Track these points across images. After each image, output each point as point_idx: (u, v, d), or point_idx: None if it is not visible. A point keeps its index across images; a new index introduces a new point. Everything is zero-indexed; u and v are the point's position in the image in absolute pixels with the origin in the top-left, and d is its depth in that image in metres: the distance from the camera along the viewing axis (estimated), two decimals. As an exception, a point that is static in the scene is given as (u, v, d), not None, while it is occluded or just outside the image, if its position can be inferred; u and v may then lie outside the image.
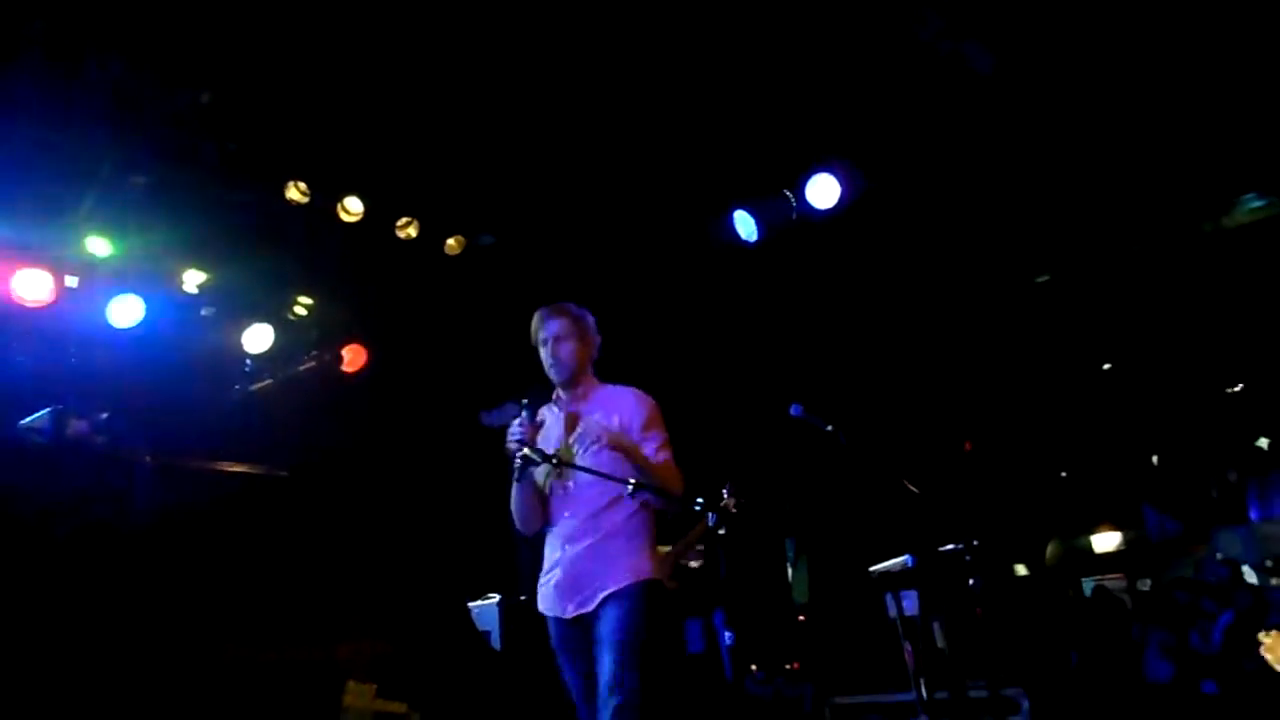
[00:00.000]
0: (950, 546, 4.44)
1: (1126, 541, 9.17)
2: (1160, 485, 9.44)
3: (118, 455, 1.36)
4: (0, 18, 4.25)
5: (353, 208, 5.66)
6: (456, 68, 5.01)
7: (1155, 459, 9.52)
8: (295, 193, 5.48)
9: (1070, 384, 8.82)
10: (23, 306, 4.92)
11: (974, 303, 7.52)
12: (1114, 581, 8.64)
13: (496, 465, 3.11)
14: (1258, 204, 6.77)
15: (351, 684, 1.62)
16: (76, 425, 1.41)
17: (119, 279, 5.34)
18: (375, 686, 1.66)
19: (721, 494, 4.99)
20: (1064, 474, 9.58)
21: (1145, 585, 8.49)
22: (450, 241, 6.09)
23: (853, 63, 5.17)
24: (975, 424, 8.68)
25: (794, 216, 5.98)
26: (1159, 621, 7.29)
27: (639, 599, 2.98)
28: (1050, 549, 9.07)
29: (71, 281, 5.17)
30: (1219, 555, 8.15)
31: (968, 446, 8.14)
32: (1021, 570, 8.46)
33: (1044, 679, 5.25)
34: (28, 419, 1.41)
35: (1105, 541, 9.25)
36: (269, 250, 5.73)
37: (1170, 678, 6.80)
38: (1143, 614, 7.69)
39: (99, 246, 5.29)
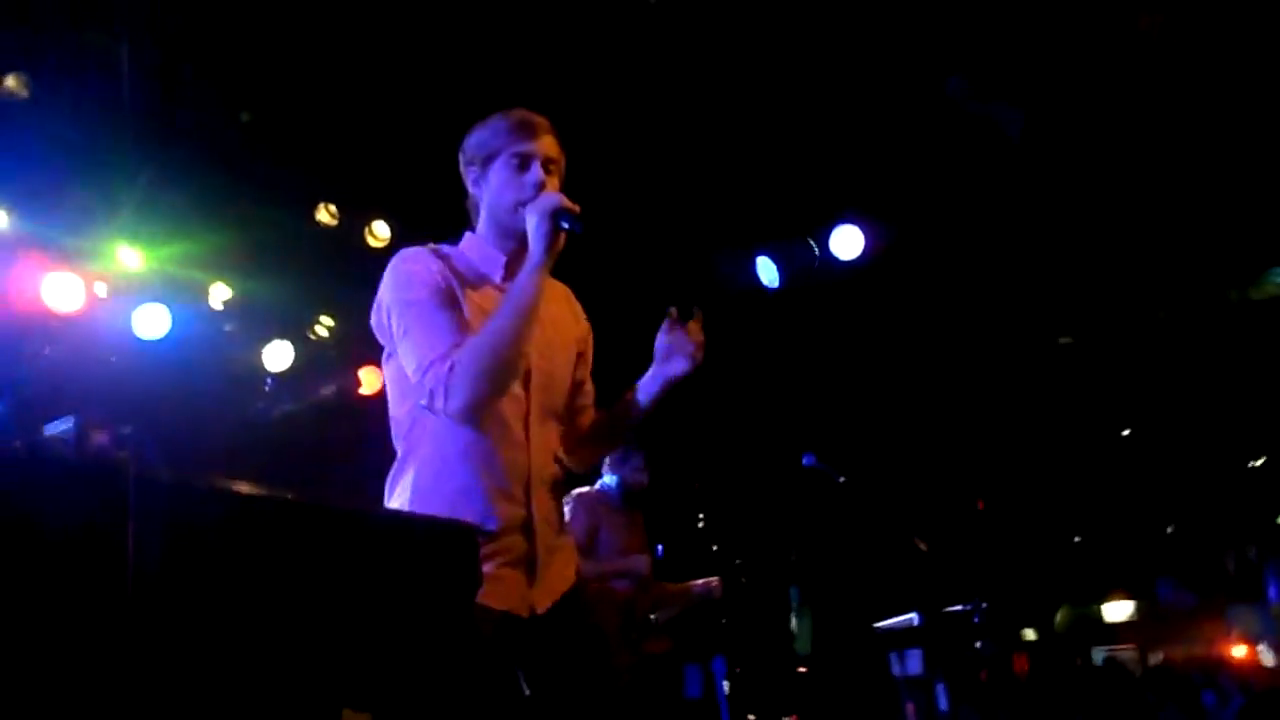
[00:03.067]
0: (959, 607, 4.38)
1: (1139, 612, 9.02)
2: (1176, 557, 9.30)
3: (136, 470, 1.37)
4: (40, 27, 4.37)
5: (380, 233, 5.74)
6: (490, 100, 5.08)
7: (1170, 529, 9.40)
8: (325, 215, 5.57)
9: (1088, 448, 8.74)
10: (53, 312, 5.01)
11: (994, 361, 7.50)
12: (1126, 652, 8.49)
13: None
14: (1285, 277, 6.75)
15: (348, 712, 1.61)
16: (98, 437, 1.42)
17: (148, 290, 5.42)
18: (370, 716, 1.65)
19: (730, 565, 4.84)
20: (1077, 539, 9.46)
21: (1158, 658, 8.33)
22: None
23: (882, 118, 5.23)
24: (990, 483, 8.60)
25: (816, 265, 6.01)
26: (1171, 697, 7.15)
27: None
28: (1060, 615, 8.93)
29: (101, 290, 5.25)
30: (1235, 633, 8.00)
31: (980, 505, 8.07)
32: (1030, 635, 8.32)
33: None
34: (53, 425, 1.42)
35: (1117, 611, 9.11)
36: (296, 270, 5.80)
37: (1179, 755, 6.65)
38: (1154, 687, 7.54)
39: (130, 257, 5.37)
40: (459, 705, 1.85)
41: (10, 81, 4.41)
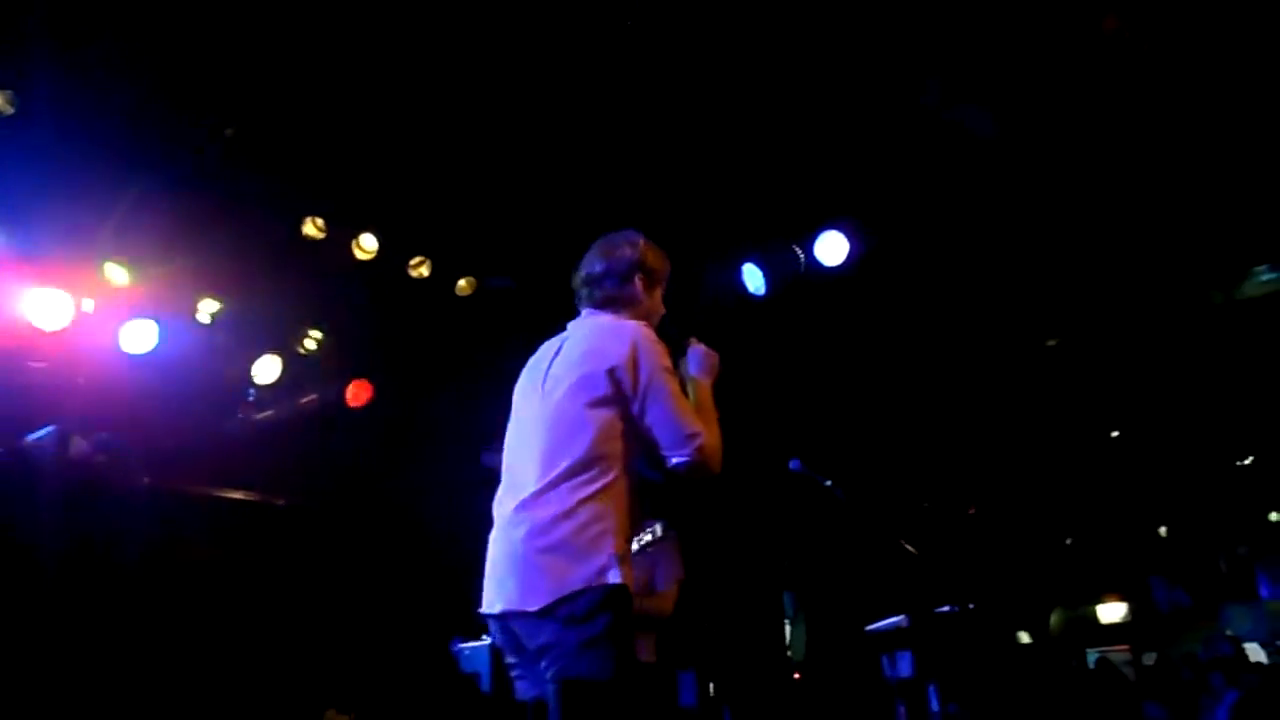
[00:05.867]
0: (946, 608, 4.40)
1: (1132, 613, 9.04)
2: (1169, 557, 9.31)
3: (117, 475, 1.38)
4: (24, 45, 4.39)
5: (367, 245, 5.76)
6: (475, 114, 5.12)
7: (1163, 530, 9.42)
8: (312, 228, 5.58)
9: (1078, 451, 8.76)
10: (39, 329, 5.01)
11: (982, 364, 7.52)
12: (1119, 654, 8.50)
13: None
14: (1270, 276, 6.78)
15: (331, 712, 1.62)
16: (78, 444, 1.44)
17: (135, 305, 5.42)
18: (354, 716, 1.66)
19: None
20: (1069, 541, 9.48)
21: (1150, 659, 8.35)
22: (461, 283, 6.17)
23: (864, 125, 5.26)
24: (980, 487, 8.62)
25: (802, 271, 6.03)
26: (1164, 696, 7.17)
27: None
28: (1055, 618, 8.94)
29: (88, 306, 5.26)
30: (1228, 631, 8.03)
31: (971, 510, 8.09)
32: (1025, 638, 8.35)
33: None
34: (33, 435, 1.44)
35: (1111, 612, 9.13)
36: (283, 284, 5.81)
37: (1173, 755, 6.67)
38: (1147, 687, 7.56)
39: (117, 274, 5.38)
40: (439, 710, 1.87)
41: (-5, 99, 4.42)
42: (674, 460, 2.32)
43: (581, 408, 2.31)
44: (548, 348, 2.54)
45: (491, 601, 2.25)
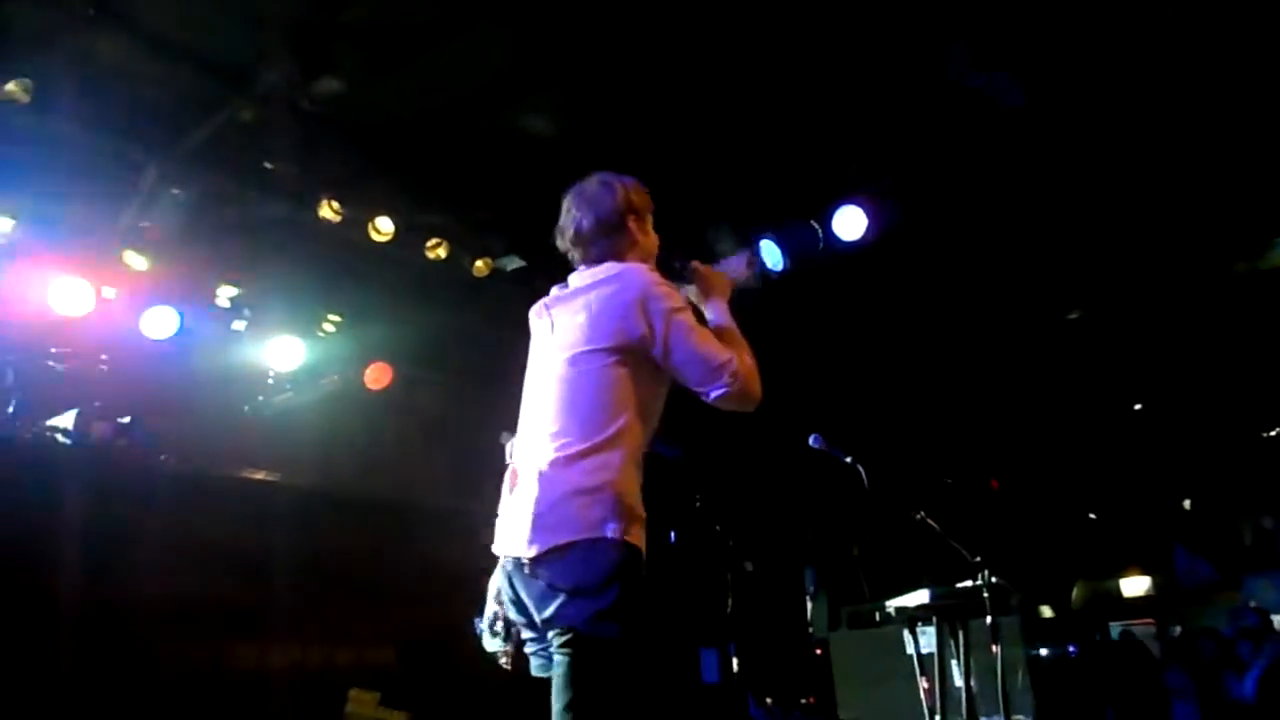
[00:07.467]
0: (969, 583, 4.38)
1: (1156, 586, 8.98)
2: (1192, 529, 9.26)
3: (138, 458, 1.40)
4: (45, 33, 4.40)
5: (384, 227, 5.76)
6: (483, 92, 5.10)
7: (1187, 503, 9.35)
8: (328, 211, 5.59)
9: (1101, 423, 8.70)
10: (61, 316, 5.05)
11: (1004, 338, 7.47)
12: (1142, 627, 8.46)
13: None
14: (1294, 247, 6.70)
15: (354, 692, 1.64)
16: (100, 428, 1.45)
17: (155, 292, 5.46)
18: (378, 695, 1.67)
19: None
20: (1093, 515, 9.42)
21: (1175, 631, 8.32)
22: (479, 264, 6.18)
23: (885, 96, 5.20)
24: (1003, 461, 8.58)
25: (820, 247, 5.98)
26: (1189, 668, 7.14)
27: None
28: (1077, 591, 8.91)
29: (109, 293, 5.29)
30: (1251, 603, 7.97)
31: (994, 484, 8.06)
32: (1047, 612, 8.32)
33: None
34: (53, 419, 1.46)
35: (1134, 586, 9.07)
36: (301, 267, 5.82)
37: (1199, 726, 6.65)
38: (1172, 660, 7.53)
39: (137, 260, 5.41)
40: (465, 688, 1.88)
41: (12, 86, 4.43)
42: (713, 394, 2.31)
43: (593, 367, 2.29)
44: (552, 300, 2.47)
45: (498, 545, 2.28)
